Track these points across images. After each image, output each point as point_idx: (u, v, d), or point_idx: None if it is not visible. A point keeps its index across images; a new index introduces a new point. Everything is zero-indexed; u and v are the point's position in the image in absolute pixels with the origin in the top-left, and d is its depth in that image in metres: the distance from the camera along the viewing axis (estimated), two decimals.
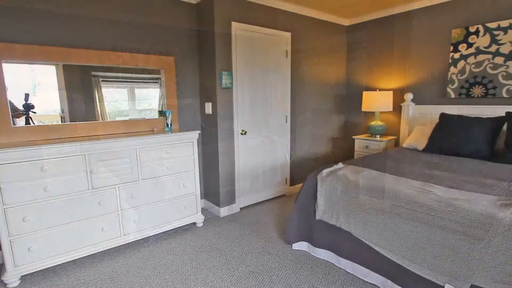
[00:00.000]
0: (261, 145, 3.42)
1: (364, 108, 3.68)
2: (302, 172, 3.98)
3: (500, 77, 2.87)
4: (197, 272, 2.16)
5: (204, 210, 3.35)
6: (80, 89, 2.52)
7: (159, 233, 2.76)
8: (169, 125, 2.80)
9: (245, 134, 3.21)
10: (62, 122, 2.44)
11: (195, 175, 2.81)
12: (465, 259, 1.49)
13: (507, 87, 2.84)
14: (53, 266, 2.23)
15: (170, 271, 2.17)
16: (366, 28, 3.97)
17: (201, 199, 3.43)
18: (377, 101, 3.57)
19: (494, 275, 1.40)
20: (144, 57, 2.77)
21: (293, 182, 3.89)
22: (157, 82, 2.93)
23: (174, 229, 2.86)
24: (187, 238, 2.67)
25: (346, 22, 4.12)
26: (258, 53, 3.22)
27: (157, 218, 2.61)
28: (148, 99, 2.93)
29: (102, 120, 2.65)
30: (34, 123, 2.33)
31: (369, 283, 1.99)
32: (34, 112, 2.32)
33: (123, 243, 2.46)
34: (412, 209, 1.71)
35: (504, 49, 2.82)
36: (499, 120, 2.66)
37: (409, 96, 3.50)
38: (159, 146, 2.56)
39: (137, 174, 2.46)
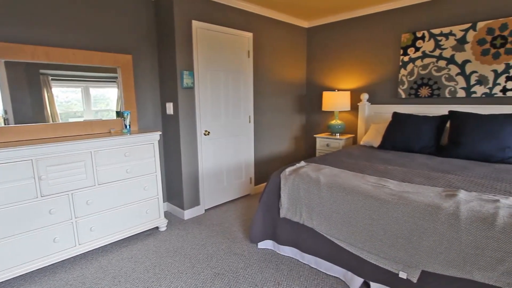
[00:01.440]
0: (225, 145, 3.40)
1: (324, 107, 3.82)
2: (266, 171, 4.03)
3: (443, 79, 3.15)
4: (160, 278, 2.09)
5: (167, 214, 3.25)
6: (26, 88, 2.31)
7: (119, 240, 2.63)
8: (128, 126, 2.68)
9: (208, 134, 3.17)
10: (5, 124, 2.22)
11: (156, 177, 2.72)
12: (416, 247, 1.61)
13: (449, 88, 3.12)
14: None
15: (131, 280, 2.08)
16: (325, 30, 4.12)
17: (164, 202, 3.32)
18: (336, 100, 3.72)
19: (441, 260, 1.52)
20: (99, 54, 2.62)
21: (257, 181, 3.92)
22: (114, 82, 2.79)
23: (135, 235, 2.74)
24: (149, 244, 2.57)
25: (306, 24, 4.24)
26: (220, 52, 3.19)
27: (116, 224, 2.49)
28: (105, 99, 2.77)
29: (52, 122, 2.45)
30: None
31: (332, 276, 2.07)
32: None
33: (78, 253, 2.30)
34: (368, 203, 1.81)
35: (446, 53, 3.09)
36: (443, 119, 2.91)
37: (365, 96, 3.69)
38: (117, 148, 2.43)
39: (92, 179, 2.32)
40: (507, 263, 1.35)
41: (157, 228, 2.87)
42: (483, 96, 2.93)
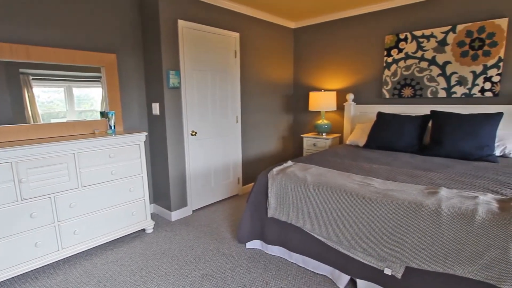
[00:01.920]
0: (212, 145, 3.39)
1: (311, 107, 3.86)
2: (254, 171, 4.04)
3: (425, 80, 3.24)
4: (147, 281, 2.06)
5: (154, 215, 3.20)
6: (5, 88, 2.23)
7: (104, 243, 2.58)
8: (113, 127, 2.63)
9: (195, 135, 3.15)
10: None
11: (142, 179, 2.68)
12: (400, 244, 1.65)
13: (431, 88, 3.21)
14: None
15: (117, 283, 2.04)
16: (311, 31, 4.16)
17: (150, 204, 3.28)
18: (322, 101, 3.77)
19: (424, 256, 1.57)
20: (82, 53, 2.55)
21: (245, 181, 3.92)
22: (98, 81, 2.73)
23: (121, 237, 2.69)
24: (135, 246, 2.53)
25: (292, 25, 4.27)
26: (207, 52, 3.18)
27: (101, 227, 2.43)
28: (89, 99, 2.71)
29: (33, 122, 2.38)
30: None
31: (319, 274, 2.09)
32: None
33: (62, 258, 2.24)
34: (354, 201, 1.84)
35: (428, 55, 3.18)
36: (425, 118, 2.99)
37: (350, 96, 3.75)
38: (101, 149, 2.38)
39: (76, 181, 2.26)
40: (485, 257, 1.40)
41: (143, 230, 2.82)
42: (463, 96, 3.03)
